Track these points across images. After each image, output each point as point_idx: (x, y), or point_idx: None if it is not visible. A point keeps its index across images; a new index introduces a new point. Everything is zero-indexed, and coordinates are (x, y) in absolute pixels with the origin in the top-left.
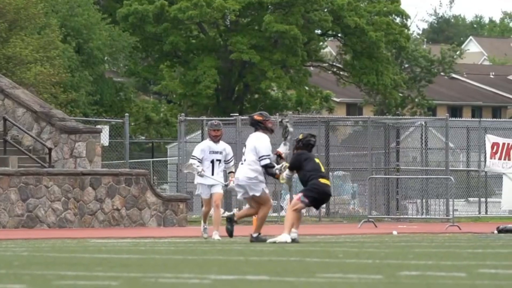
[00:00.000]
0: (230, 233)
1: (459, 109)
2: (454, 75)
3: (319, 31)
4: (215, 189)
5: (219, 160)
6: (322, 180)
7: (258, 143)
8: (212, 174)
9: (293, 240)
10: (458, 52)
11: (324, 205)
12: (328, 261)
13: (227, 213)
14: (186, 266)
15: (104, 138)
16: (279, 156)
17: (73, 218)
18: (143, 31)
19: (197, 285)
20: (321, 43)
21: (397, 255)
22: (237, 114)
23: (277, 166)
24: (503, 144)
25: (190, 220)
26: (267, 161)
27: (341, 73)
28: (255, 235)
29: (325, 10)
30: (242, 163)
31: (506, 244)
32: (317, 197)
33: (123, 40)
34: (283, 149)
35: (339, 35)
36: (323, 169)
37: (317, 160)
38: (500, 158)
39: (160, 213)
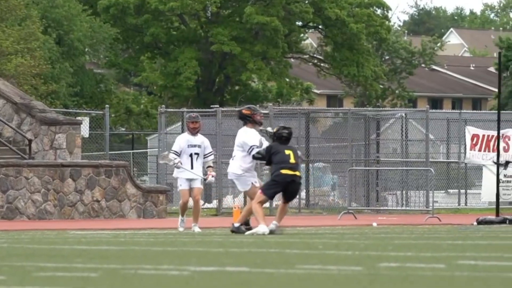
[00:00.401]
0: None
1: (439, 100)
2: (434, 67)
3: (300, 23)
4: (195, 184)
5: (198, 154)
6: (284, 171)
7: (246, 137)
8: (192, 168)
9: (271, 232)
10: (438, 44)
11: (304, 197)
12: (308, 253)
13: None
14: (166, 258)
15: (84, 129)
16: None
17: (53, 209)
18: (124, 23)
19: (177, 276)
20: (302, 34)
21: (376, 247)
22: (218, 106)
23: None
24: (483, 136)
25: (170, 211)
26: (255, 151)
27: (321, 64)
28: (237, 225)
29: (306, 1)
30: (232, 159)
31: (485, 236)
32: (277, 189)
33: (103, 31)
34: None
35: (320, 26)
36: (292, 160)
37: (287, 152)
38: (480, 150)
39: (140, 205)
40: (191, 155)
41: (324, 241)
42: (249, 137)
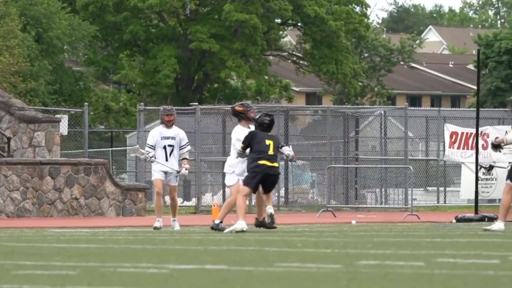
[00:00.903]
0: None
1: (418, 98)
2: (413, 65)
3: (279, 20)
4: (171, 181)
5: (172, 146)
6: (261, 162)
7: (239, 137)
8: (166, 161)
9: (271, 216)
10: (417, 42)
11: (283, 194)
12: (287, 251)
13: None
14: (145, 256)
15: (63, 127)
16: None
17: (32, 207)
18: (103, 20)
19: (156, 274)
20: (280, 32)
21: (355, 245)
22: (197, 104)
23: None
24: (462, 133)
25: (149, 209)
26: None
27: (300, 62)
28: (217, 221)
29: None
30: (229, 155)
31: (464, 234)
32: (259, 180)
33: (83, 29)
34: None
35: (299, 24)
36: (270, 152)
37: (268, 142)
38: (459, 148)
39: (119, 203)
40: (165, 148)
41: (303, 239)
42: (241, 137)
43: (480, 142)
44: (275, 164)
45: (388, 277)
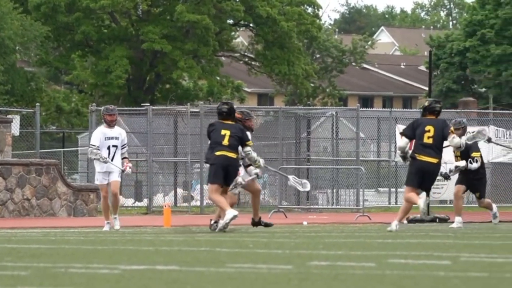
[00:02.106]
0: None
1: (370, 99)
2: (365, 66)
3: (231, 21)
4: (113, 177)
5: (116, 146)
6: (218, 153)
7: None
8: (112, 160)
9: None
10: (369, 43)
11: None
12: (238, 251)
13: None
14: (96, 256)
15: (15, 128)
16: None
17: None
18: (55, 21)
19: (107, 275)
20: (232, 33)
21: (307, 245)
22: (148, 104)
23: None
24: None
25: (100, 210)
26: None
27: (252, 63)
28: (213, 221)
29: (237, 0)
30: None
31: (416, 234)
32: (218, 173)
33: (35, 29)
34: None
35: (251, 25)
36: (225, 142)
37: (223, 132)
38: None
39: (70, 203)
40: (109, 148)
41: (255, 239)
42: None
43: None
44: (232, 155)
45: (339, 278)
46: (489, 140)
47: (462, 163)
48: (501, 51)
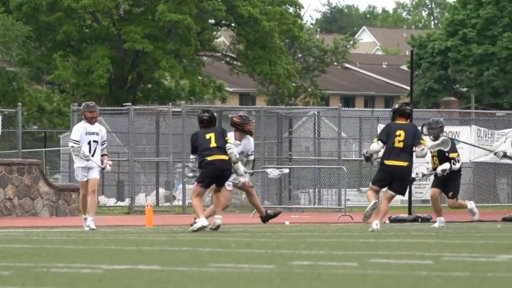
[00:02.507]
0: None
1: (352, 99)
2: (347, 65)
3: (212, 21)
4: (92, 174)
5: (96, 142)
6: (210, 158)
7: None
8: (92, 156)
9: (217, 227)
10: (351, 42)
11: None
12: (220, 251)
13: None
14: (78, 256)
15: None
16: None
17: None
18: (36, 21)
19: (89, 274)
20: (214, 32)
21: (289, 245)
22: (130, 104)
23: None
24: None
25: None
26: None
27: (234, 62)
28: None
29: (219, 0)
30: None
31: (398, 234)
32: (210, 179)
33: (16, 29)
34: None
35: (233, 24)
36: (212, 144)
37: (208, 136)
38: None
39: (52, 203)
40: (89, 143)
41: (237, 239)
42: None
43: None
44: (223, 157)
45: (321, 278)
46: (450, 151)
47: (446, 166)
48: (483, 51)
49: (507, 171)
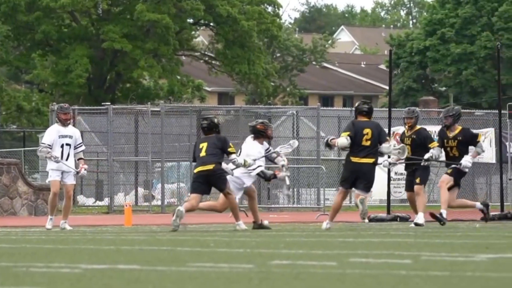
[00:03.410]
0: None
1: (330, 98)
2: (325, 64)
3: (191, 20)
4: (68, 180)
5: (69, 145)
6: (195, 170)
7: (249, 152)
8: (66, 160)
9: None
10: (329, 42)
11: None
12: (200, 250)
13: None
14: (57, 255)
15: None
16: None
17: None
18: (15, 20)
19: (68, 274)
20: (193, 32)
21: (268, 244)
22: (109, 103)
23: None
24: None
25: (61, 209)
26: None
27: (213, 62)
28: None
29: None
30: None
31: (377, 233)
32: (203, 186)
33: None
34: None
35: (211, 24)
36: (202, 152)
37: (201, 145)
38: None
39: (31, 202)
40: (62, 146)
41: (216, 238)
42: (251, 153)
43: (392, 142)
44: (209, 167)
45: (300, 277)
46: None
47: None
48: (461, 50)
49: (485, 171)
